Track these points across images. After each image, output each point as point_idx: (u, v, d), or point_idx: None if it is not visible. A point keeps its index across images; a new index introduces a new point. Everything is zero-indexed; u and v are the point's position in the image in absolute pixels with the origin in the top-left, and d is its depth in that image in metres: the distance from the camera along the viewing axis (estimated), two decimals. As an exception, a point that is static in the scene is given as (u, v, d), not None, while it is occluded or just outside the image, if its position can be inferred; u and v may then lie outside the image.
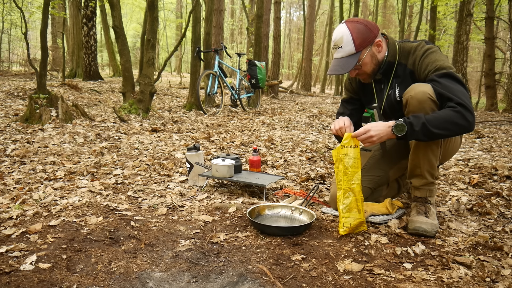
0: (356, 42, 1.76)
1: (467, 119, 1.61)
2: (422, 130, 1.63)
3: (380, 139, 1.73)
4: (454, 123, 1.62)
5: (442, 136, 1.67)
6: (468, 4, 9.10)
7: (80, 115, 4.90)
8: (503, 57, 14.61)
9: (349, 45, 1.77)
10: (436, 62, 1.72)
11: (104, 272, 1.38)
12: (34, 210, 1.92)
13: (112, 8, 6.03)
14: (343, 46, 1.78)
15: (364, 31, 1.77)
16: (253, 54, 9.18)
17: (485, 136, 4.93)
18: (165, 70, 24.09)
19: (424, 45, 1.82)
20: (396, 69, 1.88)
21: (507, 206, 2.18)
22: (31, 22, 20.69)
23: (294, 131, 5.05)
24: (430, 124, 1.62)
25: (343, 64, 1.80)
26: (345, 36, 1.77)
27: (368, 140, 1.73)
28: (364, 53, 1.80)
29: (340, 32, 1.78)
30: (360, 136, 1.74)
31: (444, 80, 1.67)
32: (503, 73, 11.64)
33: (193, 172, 2.50)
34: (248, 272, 1.40)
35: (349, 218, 1.73)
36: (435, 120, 1.62)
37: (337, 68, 1.82)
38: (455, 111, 1.61)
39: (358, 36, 1.76)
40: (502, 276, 1.38)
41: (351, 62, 1.79)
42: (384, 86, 1.95)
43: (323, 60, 23.76)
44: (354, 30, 1.76)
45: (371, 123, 1.78)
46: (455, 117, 1.61)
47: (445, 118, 1.62)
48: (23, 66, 14.88)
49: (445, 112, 1.63)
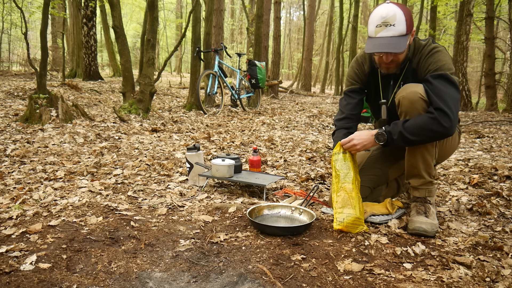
0: (408, 23, 1.68)
1: (442, 124, 1.61)
2: (400, 137, 1.68)
3: (365, 147, 1.82)
4: (430, 130, 1.64)
5: (421, 142, 1.71)
6: (468, 4, 9.10)
7: (80, 115, 4.90)
8: (503, 57, 14.61)
9: (402, 24, 1.66)
10: (438, 62, 1.71)
11: (104, 272, 1.38)
12: (34, 210, 1.92)
13: (112, 8, 6.03)
14: (396, 24, 1.65)
15: (411, 16, 1.71)
16: (253, 54, 9.18)
17: (485, 136, 4.93)
18: (165, 70, 24.08)
19: (430, 44, 1.79)
20: (407, 66, 1.85)
21: (507, 206, 2.18)
22: (31, 22, 20.69)
23: (294, 131, 5.05)
24: (407, 131, 1.66)
25: (395, 43, 1.67)
26: (398, 14, 1.65)
27: (352, 148, 1.83)
28: (409, 38, 1.72)
29: (392, 10, 1.66)
30: (345, 144, 1.84)
31: (437, 81, 1.67)
32: (503, 73, 11.64)
33: (193, 172, 2.50)
34: (248, 272, 1.40)
35: (342, 213, 1.76)
36: (411, 127, 1.66)
37: (390, 46, 1.68)
38: (431, 117, 1.63)
39: (408, 18, 1.68)
40: (502, 276, 1.38)
41: (403, 42, 1.68)
42: (393, 82, 1.91)
43: (323, 60, 23.76)
44: (405, 11, 1.67)
45: (356, 132, 1.86)
46: (430, 123, 1.63)
47: (421, 125, 1.65)
48: (23, 66, 14.88)
49: (422, 119, 1.65)
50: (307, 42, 16.30)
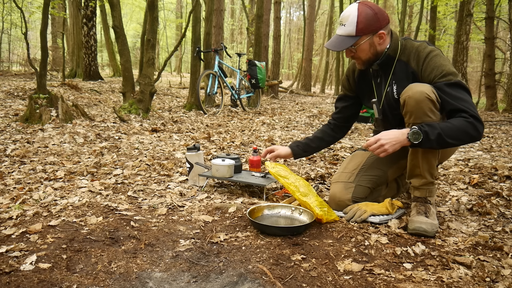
0: (359, 26, 1.77)
1: (478, 130, 1.65)
2: (437, 139, 1.63)
3: (394, 147, 1.69)
4: (467, 134, 1.65)
5: (454, 145, 1.70)
6: (468, 4, 9.10)
7: (80, 115, 4.90)
8: (503, 57, 14.61)
9: (351, 26, 1.78)
10: (442, 67, 1.73)
11: (104, 272, 1.38)
12: (34, 210, 1.92)
13: (112, 8, 6.03)
14: (346, 25, 1.79)
15: (371, 19, 1.77)
16: (253, 54, 9.18)
17: (485, 136, 4.93)
18: (165, 70, 24.08)
19: (426, 46, 1.82)
20: (395, 65, 1.88)
21: (507, 206, 2.18)
22: (31, 22, 20.69)
23: (294, 131, 5.05)
24: (445, 134, 1.64)
25: (339, 42, 1.83)
26: (352, 16, 1.77)
27: (380, 149, 1.69)
28: (363, 39, 1.80)
29: (349, 10, 1.79)
30: (371, 146, 1.71)
31: (453, 90, 1.69)
32: (503, 73, 11.64)
33: (193, 172, 2.50)
34: (248, 272, 1.40)
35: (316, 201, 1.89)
36: (449, 130, 1.64)
37: (333, 44, 1.85)
38: (469, 122, 1.64)
39: (362, 21, 1.76)
40: (502, 276, 1.38)
41: (346, 42, 1.81)
42: (381, 81, 1.95)
43: (323, 60, 23.76)
44: (362, 14, 1.76)
45: (383, 132, 1.73)
46: (468, 128, 1.64)
47: (459, 129, 1.64)
48: (23, 66, 14.88)
49: (459, 123, 1.65)
50: (307, 42, 16.30)
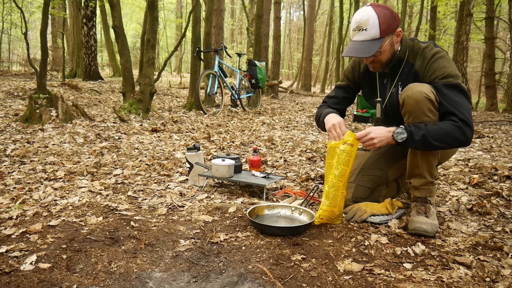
0: (382, 27, 1.72)
1: (466, 135, 1.64)
2: (422, 140, 1.65)
3: (381, 143, 1.73)
4: (453, 137, 1.64)
5: (439, 148, 1.70)
6: (468, 4, 9.10)
7: (80, 115, 4.90)
8: (503, 57, 14.61)
9: (375, 28, 1.71)
10: (445, 68, 1.72)
11: (104, 272, 1.38)
12: (34, 210, 1.92)
13: (112, 8, 6.03)
14: (368, 29, 1.72)
15: (390, 17, 1.74)
16: (253, 54, 9.18)
17: (485, 136, 4.93)
18: (165, 70, 24.08)
19: (432, 47, 1.81)
20: (403, 67, 1.87)
21: (507, 206, 2.18)
22: (31, 22, 20.69)
23: (294, 131, 5.05)
24: (430, 136, 1.64)
25: (365, 47, 1.74)
26: (372, 19, 1.71)
27: (369, 142, 1.73)
28: (386, 40, 1.76)
29: (366, 14, 1.72)
30: (362, 138, 1.75)
31: (451, 91, 1.68)
32: (503, 73, 11.65)
33: (193, 172, 2.50)
34: (248, 272, 1.40)
35: (326, 211, 1.81)
36: (435, 132, 1.64)
37: (359, 51, 1.75)
38: (456, 125, 1.63)
39: (384, 21, 1.72)
40: (502, 276, 1.38)
41: (373, 46, 1.74)
42: (387, 82, 1.94)
43: (323, 60, 23.76)
44: (381, 15, 1.72)
45: (371, 126, 1.78)
46: (455, 131, 1.64)
47: (446, 132, 1.64)
48: (23, 66, 14.88)
49: (447, 126, 1.65)
50: (307, 42, 16.30)
